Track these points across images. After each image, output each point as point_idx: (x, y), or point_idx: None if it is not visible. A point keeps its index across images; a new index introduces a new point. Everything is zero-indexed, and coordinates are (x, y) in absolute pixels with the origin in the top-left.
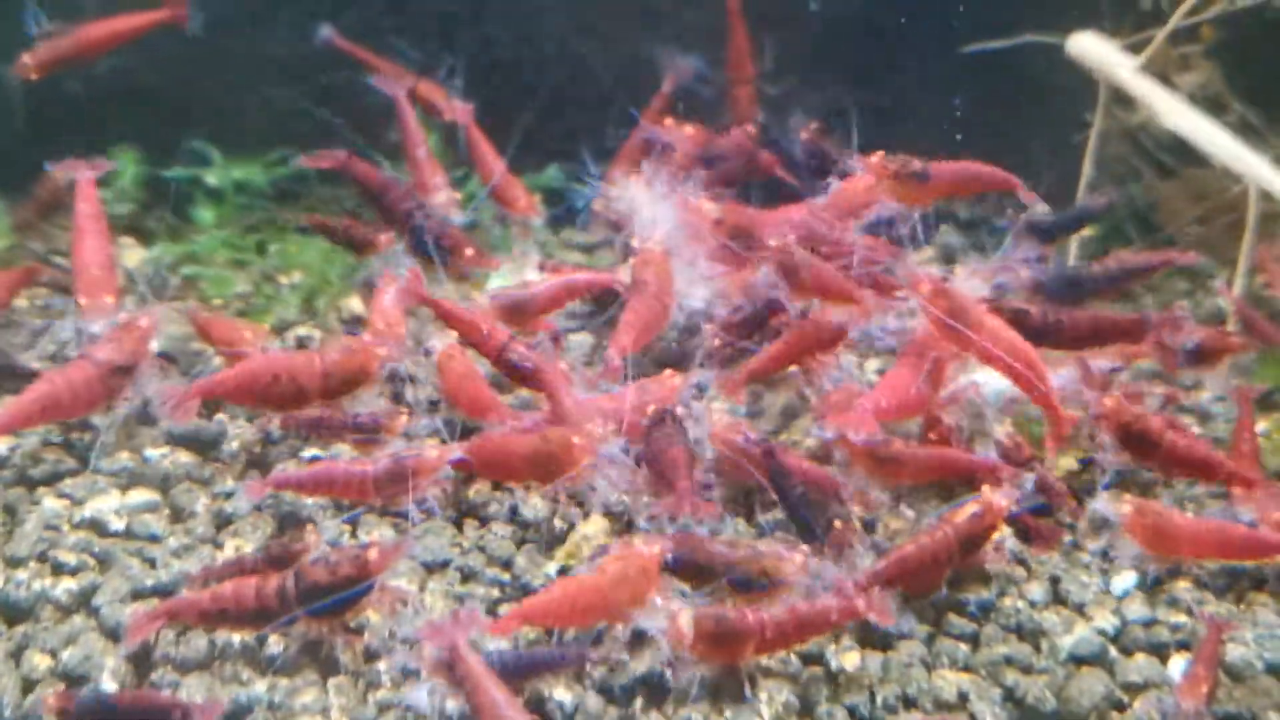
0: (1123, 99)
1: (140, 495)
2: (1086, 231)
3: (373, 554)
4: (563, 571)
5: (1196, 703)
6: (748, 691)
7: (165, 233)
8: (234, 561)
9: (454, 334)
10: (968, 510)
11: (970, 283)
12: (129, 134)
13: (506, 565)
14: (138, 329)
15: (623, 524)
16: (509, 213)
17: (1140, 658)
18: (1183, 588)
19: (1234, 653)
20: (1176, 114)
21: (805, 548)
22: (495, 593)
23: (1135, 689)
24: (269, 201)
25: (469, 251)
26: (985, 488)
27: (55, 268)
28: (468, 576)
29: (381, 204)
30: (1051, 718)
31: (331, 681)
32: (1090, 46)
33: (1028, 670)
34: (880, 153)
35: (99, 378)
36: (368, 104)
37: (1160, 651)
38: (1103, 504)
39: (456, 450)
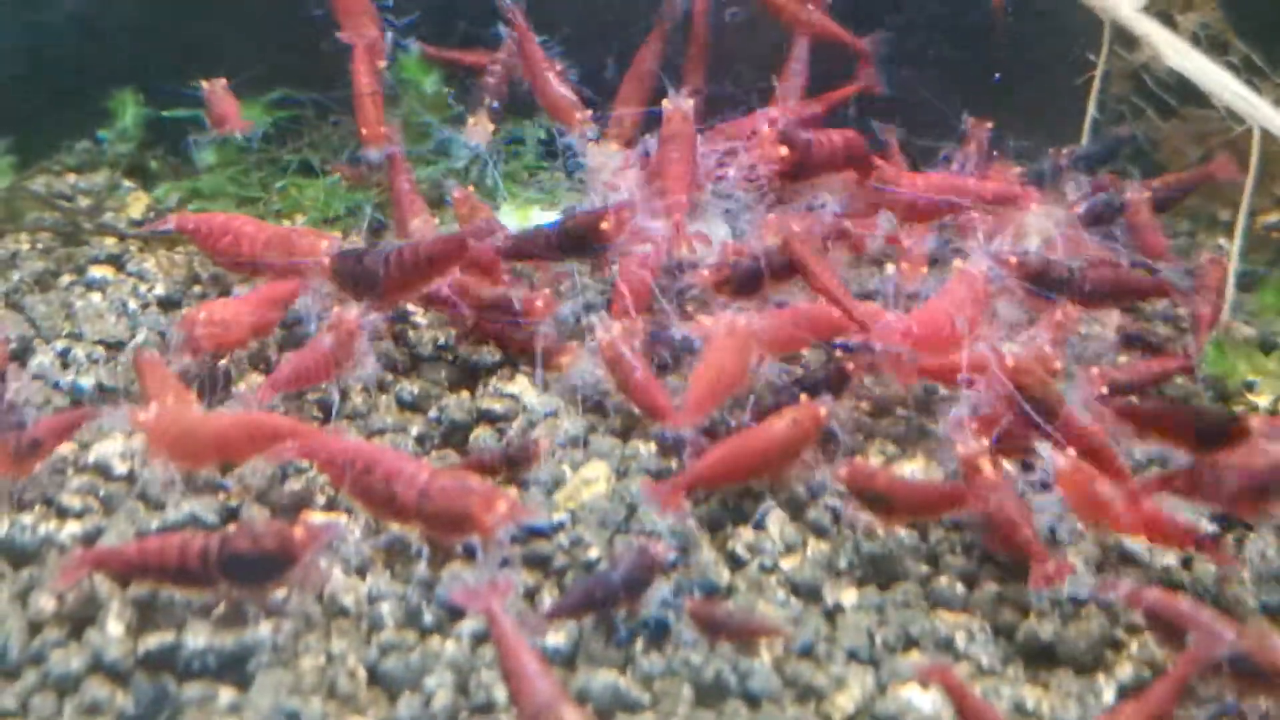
0: (1126, 38)
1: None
2: None
3: (299, 533)
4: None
5: None
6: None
7: (167, 173)
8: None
9: None
10: None
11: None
12: (130, 75)
13: None
14: None
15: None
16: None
17: None
18: None
19: None
20: (1180, 54)
21: None
22: None
23: (1136, 629)
24: (268, 143)
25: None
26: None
27: (57, 208)
28: None
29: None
30: (1045, 654)
31: (335, 625)
32: None
33: (1024, 611)
34: None
35: None
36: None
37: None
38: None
39: None
